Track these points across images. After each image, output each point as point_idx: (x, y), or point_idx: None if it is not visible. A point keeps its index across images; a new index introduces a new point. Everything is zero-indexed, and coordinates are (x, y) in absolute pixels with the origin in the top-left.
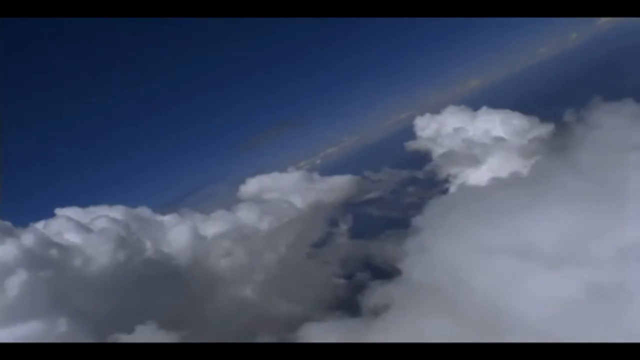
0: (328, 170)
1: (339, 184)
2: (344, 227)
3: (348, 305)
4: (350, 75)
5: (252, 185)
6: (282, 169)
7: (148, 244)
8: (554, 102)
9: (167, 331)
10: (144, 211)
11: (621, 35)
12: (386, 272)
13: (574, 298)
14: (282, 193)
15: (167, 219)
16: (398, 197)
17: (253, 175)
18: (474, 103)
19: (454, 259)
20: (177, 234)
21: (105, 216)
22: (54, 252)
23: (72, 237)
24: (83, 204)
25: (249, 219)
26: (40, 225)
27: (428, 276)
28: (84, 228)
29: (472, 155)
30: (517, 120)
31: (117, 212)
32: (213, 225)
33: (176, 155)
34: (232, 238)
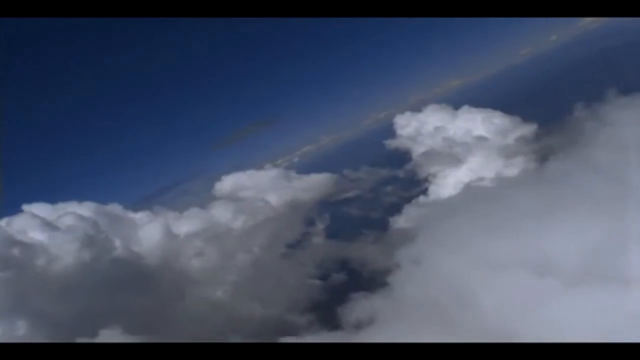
0: (306, 168)
1: (316, 182)
2: (320, 226)
3: (325, 313)
4: (330, 73)
5: (227, 183)
6: (259, 166)
7: (117, 243)
8: (537, 102)
9: (132, 335)
10: (114, 208)
11: (601, 37)
12: (363, 276)
13: (604, 324)
14: (257, 191)
15: (139, 216)
16: (377, 196)
17: (229, 172)
18: (455, 102)
19: (455, 274)
20: (148, 232)
21: (73, 213)
22: (15, 250)
23: (36, 235)
24: (54, 200)
25: (223, 218)
26: (3, 222)
27: (423, 292)
28: (49, 225)
29: (453, 154)
30: (499, 120)
31: (86, 208)
32: (186, 224)
33: (153, 152)
34: (204, 237)
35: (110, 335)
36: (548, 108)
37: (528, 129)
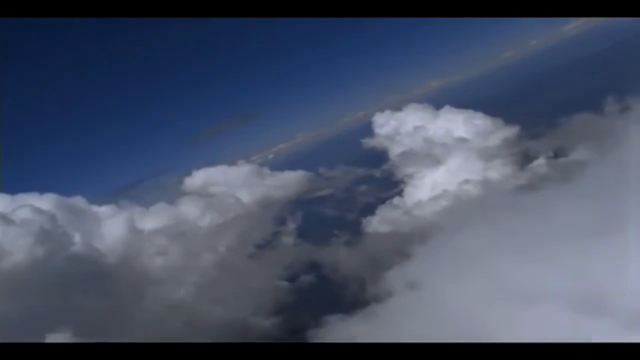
0: (280, 165)
1: (290, 180)
2: (291, 225)
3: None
4: (310, 70)
5: (197, 178)
6: (232, 162)
7: (77, 238)
8: (520, 105)
9: (82, 338)
10: (78, 201)
11: (583, 43)
12: (335, 282)
13: None
14: (229, 187)
15: (103, 210)
16: (351, 196)
17: (200, 167)
18: (437, 102)
19: (463, 305)
20: (111, 227)
21: (30, 206)
22: None
23: None
24: (17, 190)
25: (191, 214)
26: None
27: (419, 326)
28: (3, 219)
29: (432, 155)
30: (480, 121)
31: (46, 201)
32: (151, 219)
33: (126, 145)
34: (169, 234)
35: (57, 339)
36: (532, 110)
37: (510, 131)
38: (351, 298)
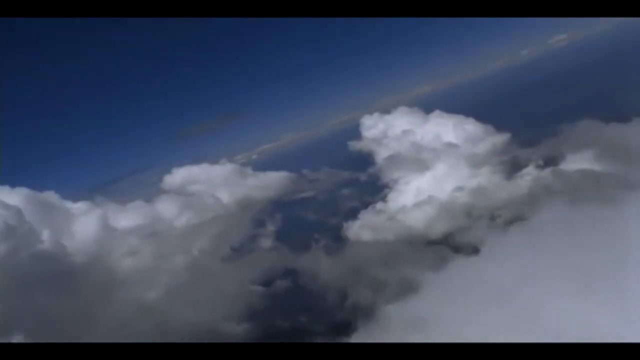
0: (263, 165)
1: (272, 181)
2: (270, 228)
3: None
4: (303, 71)
5: (177, 176)
6: (215, 161)
7: (45, 235)
8: (513, 112)
9: (42, 340)
10: (50, 196)
11: (573, 54)
12: (313, 290)
13: None
14: (209, 186)
15: (77, 206)
16: (334, 199)
17: (181, 165)
18: (427, 106)
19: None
20: (83, 224)
21: None
22: None
23: None
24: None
25: (168, 213)
26: None
27: None
28: None
29: (420, 160)
30: (471, 126)
31: (16, 195)
32: (126, 218)
33: (114, 140)
34: (142, 234)
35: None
36: (522, 118)
37: (500, 138)
38: (328, 309)
